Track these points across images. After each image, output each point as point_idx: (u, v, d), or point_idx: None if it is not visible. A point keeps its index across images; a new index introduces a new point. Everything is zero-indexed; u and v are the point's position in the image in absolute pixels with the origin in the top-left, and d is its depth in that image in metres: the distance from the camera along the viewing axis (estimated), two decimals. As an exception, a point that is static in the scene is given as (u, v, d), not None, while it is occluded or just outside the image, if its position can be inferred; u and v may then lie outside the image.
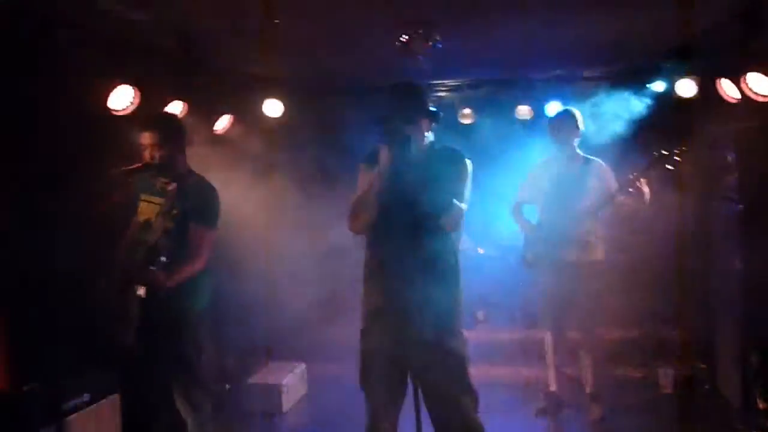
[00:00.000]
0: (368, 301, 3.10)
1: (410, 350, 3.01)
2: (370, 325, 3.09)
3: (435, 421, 3.07)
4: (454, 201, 2.93)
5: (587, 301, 4.42)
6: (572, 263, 4.39)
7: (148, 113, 3.58)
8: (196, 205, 3.35)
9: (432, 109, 3.10)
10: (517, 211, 4.72)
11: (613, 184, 4.38)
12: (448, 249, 3.09)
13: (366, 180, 3.03)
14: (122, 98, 3.91)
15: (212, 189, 3.47)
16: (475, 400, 3.08)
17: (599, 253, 4.50)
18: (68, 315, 3.55)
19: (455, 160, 3.10)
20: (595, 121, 4.94)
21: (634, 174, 4.21)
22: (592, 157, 4.55)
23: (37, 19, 3.46)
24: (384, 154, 2.89)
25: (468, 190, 3.09)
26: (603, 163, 4.52)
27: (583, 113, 4.59)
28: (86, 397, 3.57)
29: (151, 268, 3.11)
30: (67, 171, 3.64)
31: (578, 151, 4.54)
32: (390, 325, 2.98)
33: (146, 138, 3.32)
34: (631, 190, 4.22)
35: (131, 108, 3.94)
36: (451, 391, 3.03)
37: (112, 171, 3.24)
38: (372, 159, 3.01)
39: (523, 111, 5.88)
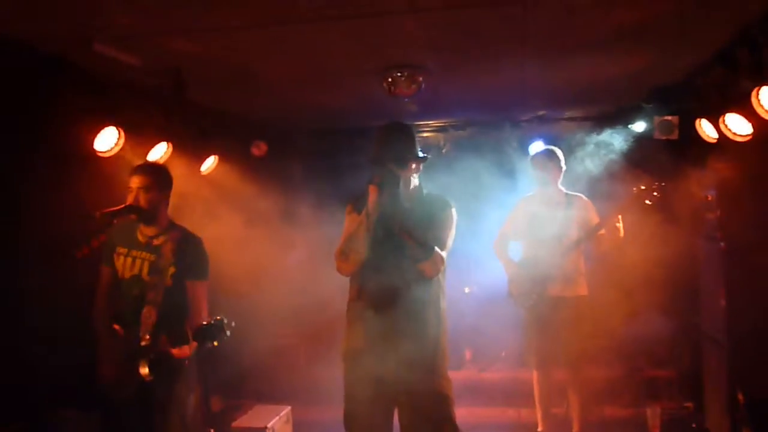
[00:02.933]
0: (351, 342, 3.08)
1: (394, 392, 2.99)
2: (354, 366, 3.07)
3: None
4: (435, 248, 2.94)
5: (572, 337, 4.41)
6: (556, 298, 4.41)
7: (132, 155, 3.60)
8: (191, 262, 3.37)
9: (421, 153, 3.14)
10: (501, 248, 4.74)
11: (594, 219, 4.42)
12: (434, 290, 3.09)
13: (352, 221, 3.04)
14: (107, 140, 3.91)
15: (201, 242, 3.48)
16: (461, 442, 3.05)
17: (583, 288, 4.52)
18: (50, 355, 3.50)
19: (441, 207, 3.13)
20: (578, 160, 5.01)
21: (614, 210, 4.26)
22: (574, 193, 4.61)
23: (28, 56, 3.49)
24: (374, 195, 2.91)
25: (452, 238, 3.11)
26: (585, 198, 4.57)
27: (565, 152, 4.65)
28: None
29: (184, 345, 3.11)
30: (53, 211, 3.64)
31: (560, 187, 4.59)
32: (374, 366, 2.96)
33: (134, 181, 3.33)
34: (612, 225, 4.26)
35: (116, 150, 3.94)
36: (436, 431, 3.00)
37: (95, 213, 3.23)
38: (358, 201, 3.03)
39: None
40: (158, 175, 3.44)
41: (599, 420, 5.01)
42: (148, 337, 3.16)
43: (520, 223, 4.65)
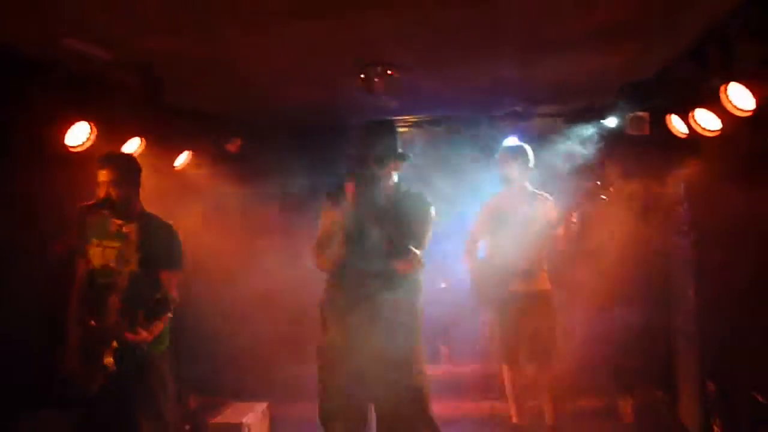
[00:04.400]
0: (327, 337, 3.09)
1: (370, 387, 3.00)
2: (329, 362, 3.08)
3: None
4: (410, 247, 2.95)
5: (537, 332, 4.48)
6: (519, 293, 4.46)
7: (104, 150, 3.54)
8: (161, 249, 3.32)
9: (401, 152, 3.15)
10: (469, 248, 4.77)
11: (554, 217, 4.46)
12: (410, 287, 3.10)
13: (329, 217, 3.05)
14: (79, 135, 3.85)
15: (173, 230, 3.45)
16: (437, 436, 3.08)
17: (545, 283, 4.58)
18: (22, 356, 3.45)
19: (419, 205, 3.14)
20: (550, 156, 5.05)
21: (569, 207, 4.31)
22: (539, 192, 4.65)
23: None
24: (350, 191, 2.91)
25: (429, 235, 3.12)
26: (549, 197, 4.61)
27: (538, 148, 4.69)
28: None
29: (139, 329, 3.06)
30: (23, 209, 3.58)
31: (526, 185, 4.63)
32: (349, 362, 2.97)
33: (104, 174, 3.29)
34: (569, 221, 4.31)
35: (88, 144, 3.88)
36: (412, 427, 3.02)
37: (69, 209, 3.19)
38: (335, 197, 3.04)
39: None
40: (126, 166, 3.41)
41: (572, 411, 5.07)
42: (111, 325, 3.10)
43: (486, 221, 4.70)
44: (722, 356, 4.29)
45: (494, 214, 4.64)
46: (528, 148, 4.65)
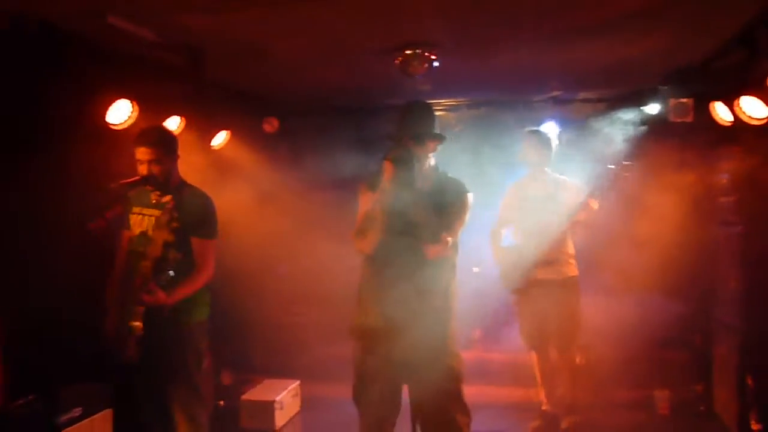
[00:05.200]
0: (363, 319, 3.10)
1: (404, 369, 3.01)
2: (365, 343, 3.09)
3: (428, 439, 3.07)
4: (442, 233, 2.93)
5: (561, 318, 4.45)
6: (544, 281, 4.43)
7: (143, 128, 3.59)
8: (195, 218, 3.36)
9: (439, 133, 3.13)
10: (495, 236, 4.73)
11: (579, 202, 4.39)
12: (446, 270, 3.09)
13: (368, 200, 3.04)
14: (121, 112, 3.91)
15: (209, 200, 3.47)
16: (469, 419, 3.08)
17: (571, 270, 4.53)
18: (62, 328, 3.54)
19: (456, 192, 3.11)
20: (587, 142, 4.97)
21: (590, 193, 4.27)
22: (562, 177, 4.59)
23: (41, 27, 3.48)
24: (388, 171, 2.90)
25: (464, 223, 3.10)
26: (573, 182, 4.55)
27: (578, 134, 4.62)
28: (78, 411, 3.54)
29: (153, 286, 3.11)
30: (66, 183, 3.65)
31: (547, 170, 4.58)
32: (385, 343, 2.98)
33: (143, 153, 3.33)
34: (589, 207, 4.25)
35: (129, 122, 3.94)
36: (445, 409, 3.03)
37: (110, 185, 3.24)
38: (373, 180, 3.03)
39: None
40: (165, 143, 3.41)
41: (607, 401, 5.03)
42: (137, 289, 3.15)
43: (510, 206, 4.67)
44: (762, 351, 4.19)
45: (517, 199, 4.61)
46: (551, 134, 4.60)
